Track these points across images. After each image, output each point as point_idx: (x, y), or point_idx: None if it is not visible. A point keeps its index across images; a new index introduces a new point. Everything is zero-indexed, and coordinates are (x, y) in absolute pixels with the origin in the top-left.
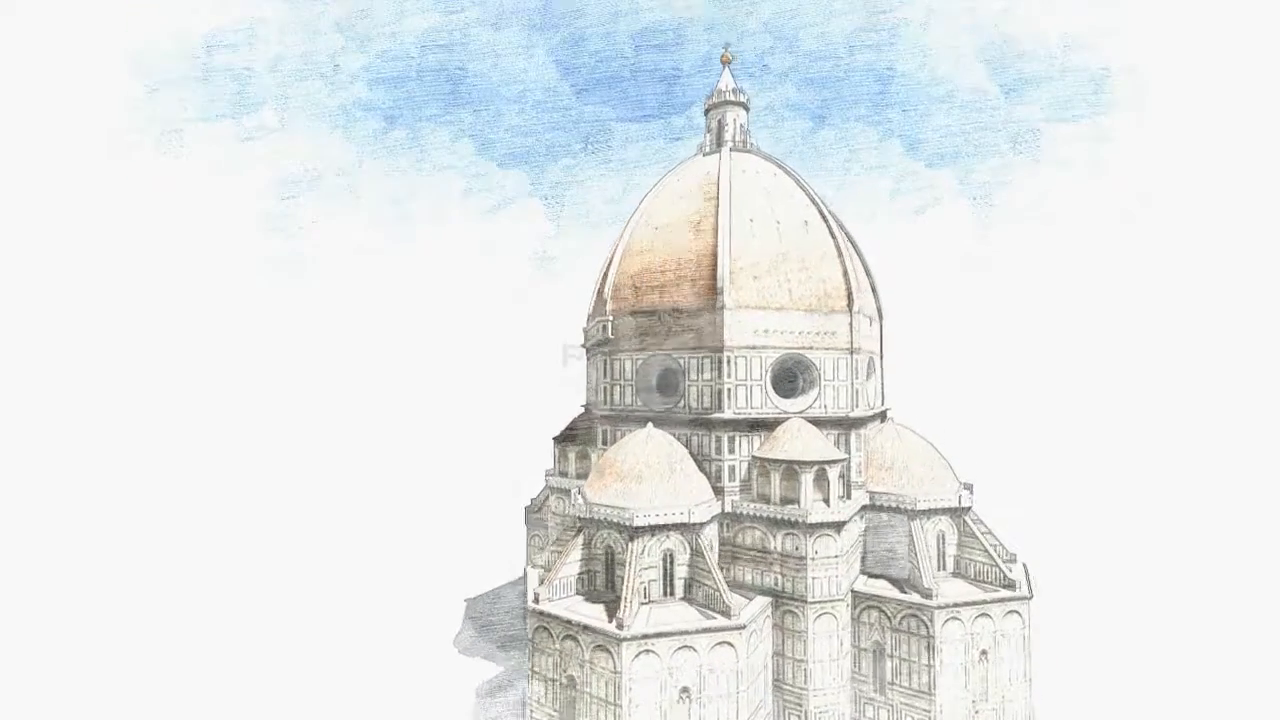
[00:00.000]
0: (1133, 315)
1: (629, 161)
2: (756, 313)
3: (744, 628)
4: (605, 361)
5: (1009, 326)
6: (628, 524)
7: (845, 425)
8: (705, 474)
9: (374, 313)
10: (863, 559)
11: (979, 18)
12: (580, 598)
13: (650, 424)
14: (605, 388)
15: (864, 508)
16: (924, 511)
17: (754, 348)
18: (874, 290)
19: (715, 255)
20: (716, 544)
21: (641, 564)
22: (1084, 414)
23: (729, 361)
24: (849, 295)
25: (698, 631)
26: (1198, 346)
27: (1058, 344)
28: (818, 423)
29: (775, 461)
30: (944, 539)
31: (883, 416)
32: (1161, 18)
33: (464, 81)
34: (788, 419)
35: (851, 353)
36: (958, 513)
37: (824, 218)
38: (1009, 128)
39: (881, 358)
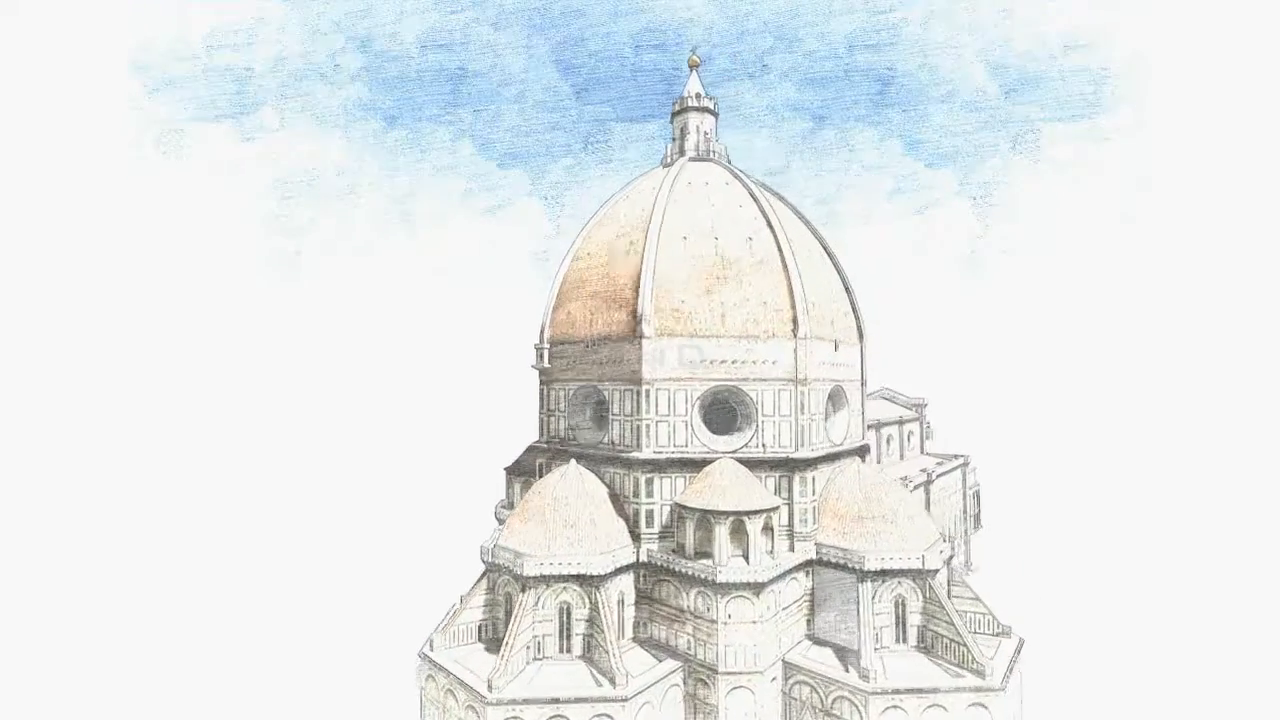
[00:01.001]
0: (1133, 315)
1: (629, 161)
2: (683, 341)
3: (628, 699)
4: (544, 389)
5: (1008, 326)
6: (519, 572)
7: (788, 467)
8: (624, 518)
9: (374, 313)
10: (811, 621)
11: (979, 18)
12: (482, 646)
13: (574, 460)
14: (544, 418)
15: (811, 562)
16: (875, 572)
17: (678, 379)
18: (854, 310)
19: (639, 279)
20: (632, 597)
21: (538, 616)
22: (1083, 414)
23: (648, 395)
24: (794, 319)
25: (571, 701)
26: (1198, 346)
27: (1057, 344)
28: (754, 464)
29: (690, 509)
30: (904, 605)
31: (863, 453)
32: (1161, 18)
33: (464, 81)
34: (717, 459)
35: (796, 383)
36: (922, 575)
37: (772, 231)
38: (1009, 128)
39: (863, 385)
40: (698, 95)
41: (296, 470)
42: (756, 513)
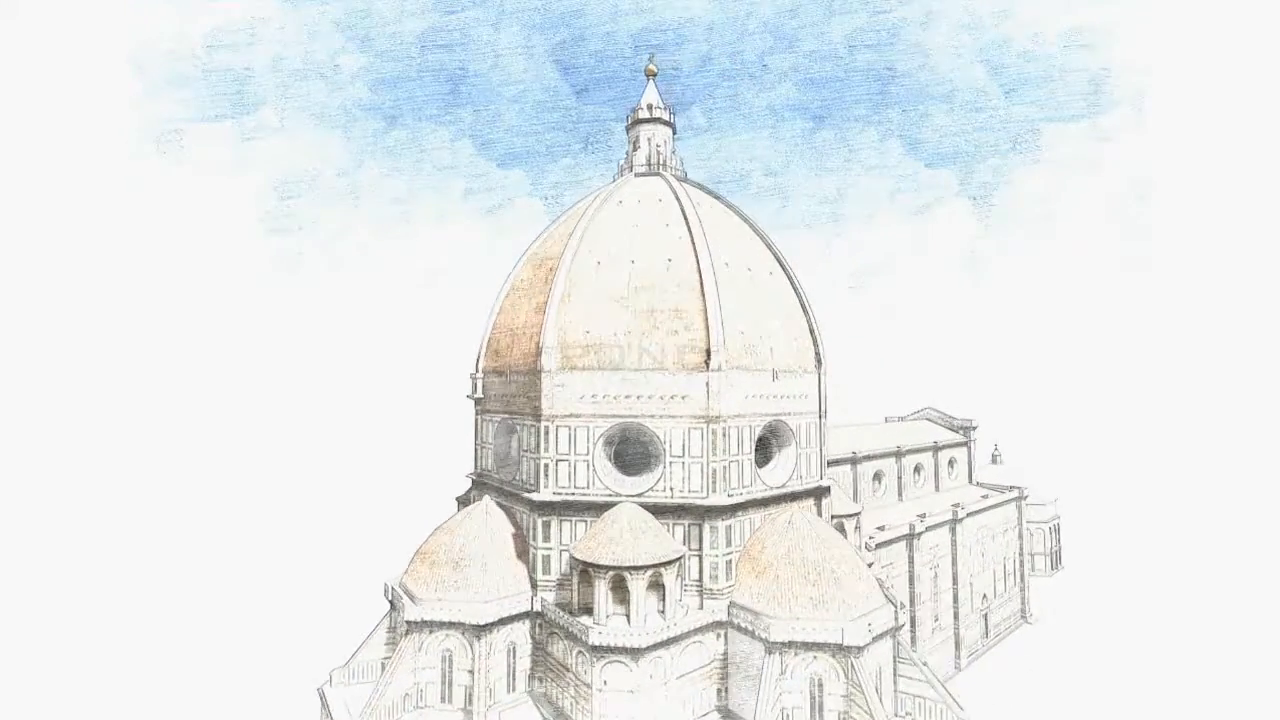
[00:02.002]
0: (1132, 315)
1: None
2: (587, 375)
3: None
4: (477, 419)
5: (1008, 326)
6: (401, 615)
7: (698, 515)
8: (526, 564)
9: (374, 313)
10: (723, 691)
11: (979, 18)
12: None
13: (487, 498)
14: (476, 449)
15: (722, 624)
16: (783, 644)
17: (579, 415)
18: (813, 333)
19: (545, 307)
20: (527, 647)
21: (420, 662)
22: (1083, 414)
23: (548, 432)
24: (708, 350)
25: None
26: (1198, 347)
27: (1057, 344)
28: (663, 510)
29: (576, 560)
30: (821, 686)
31: (819, 495)
32: (1161, 18)
33: (464, 81)
34: (619, 503)
35: (708, 422)
36: (845, 652)
37: (695, 252)
38: (1009, 128)
39: (822, 417)
40: (651, 106)
41: (293, 468)
42: (640, 568)
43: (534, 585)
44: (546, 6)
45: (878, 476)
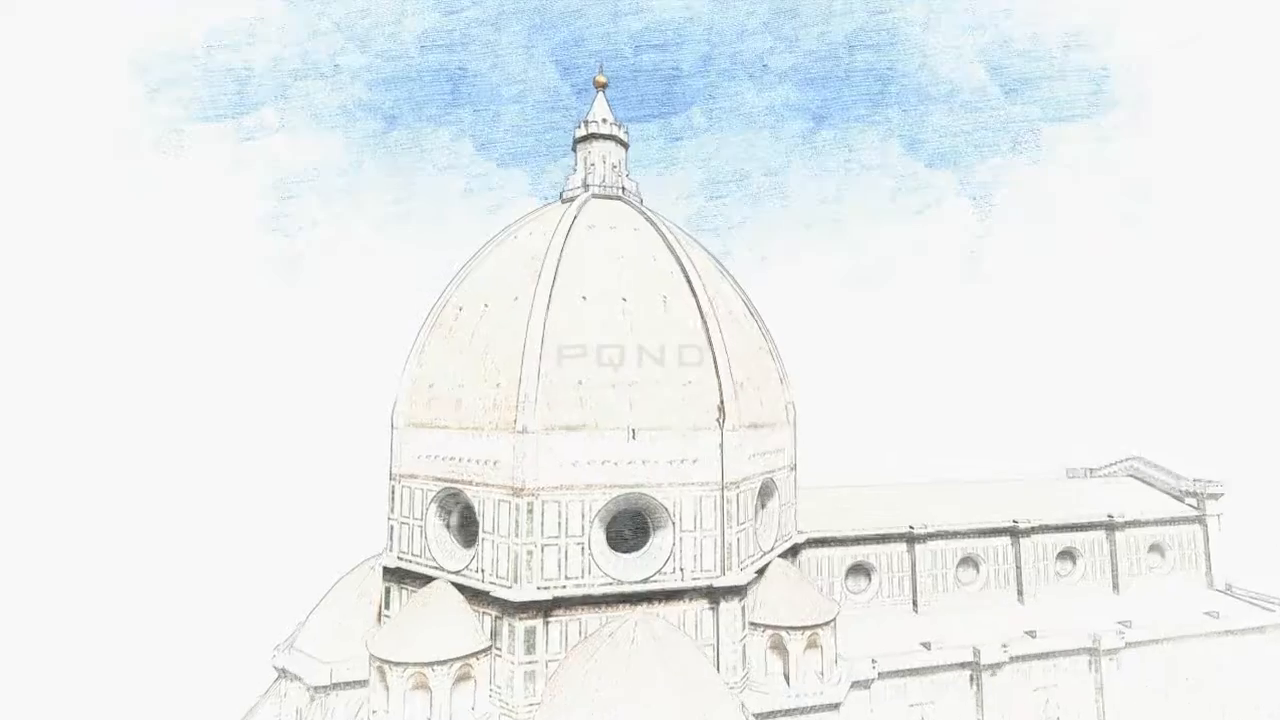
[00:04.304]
0: (1133, 315)
1: (629, 162)
2: (426, 432)
3: None
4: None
5: (1008, 326)
6: None
7: (501, 608)
8: None
9: (374, 313)
10: None
11: (979, 18)
12: None
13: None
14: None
15: None
16: None
17: (415, 476)
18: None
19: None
20: None
21: None
22: (1083, 415)
23: (397, 494)
24: (516, 403)
25: None
26: (1199, 347)
27: (1056, 344)
28: (473, 594)
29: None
30: None
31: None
32: (1161, 18)
33: (464, 81)
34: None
35: (515, 493)
36: None
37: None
38: (1009, 128)
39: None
40: (604, 120)
41: (292, 468)
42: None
43: None
44: (546, 6)
45: (969, 563)
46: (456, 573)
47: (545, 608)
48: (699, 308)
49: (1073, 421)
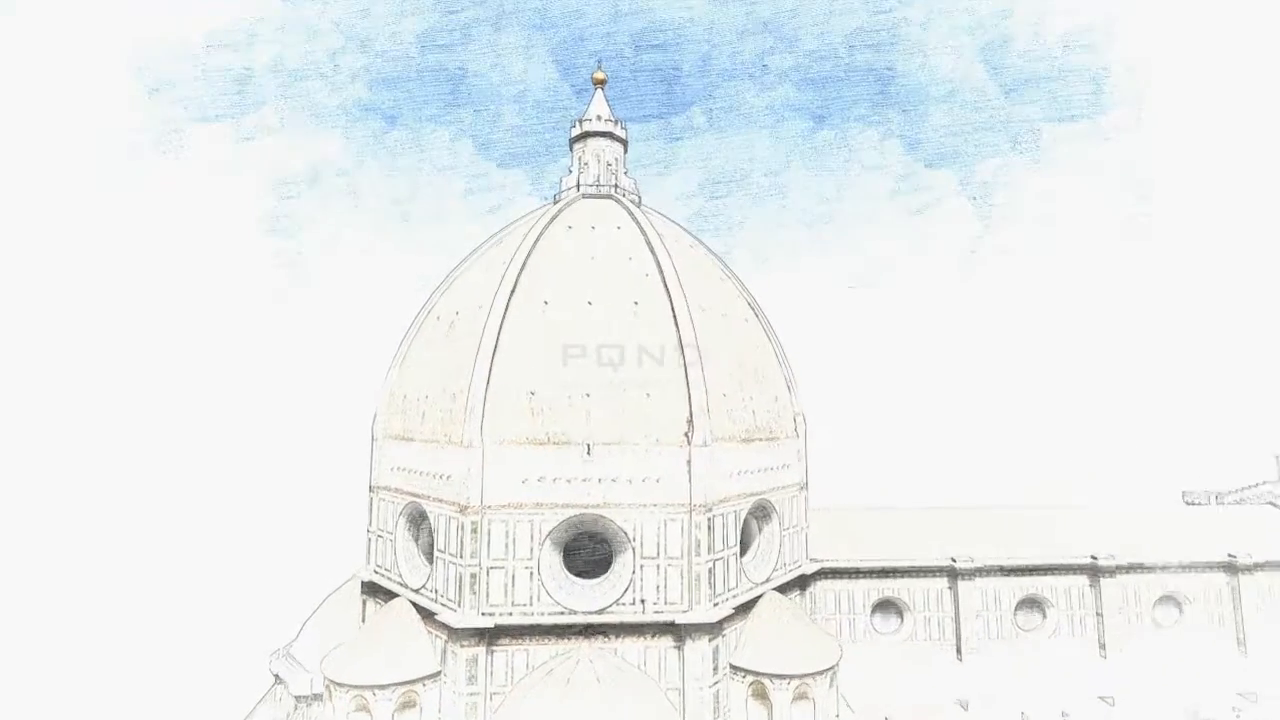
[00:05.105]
0: (1133, 315)
1: (630, 161)
2: (399, 444)
3: None
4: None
5: (1008, 326)
6: None
7: (450, 633)
8: None
9: (374, 314)
10: None
11: (979, 18)
12: None
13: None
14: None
15: None
16: None
17: (388, 489)
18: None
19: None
20: None
21: None
22: (1083, 415)
23: (375, 506)
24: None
25: None
26: (1198, 347)
27: (1056, 344)
28: (427, 615)
29: None
30: None
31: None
32: (1161, 17)
33: (464, 81)
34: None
35: (461, 510)
36: None
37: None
38: (1009, 128)
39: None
40: (600, 117)
41: (292, 468)
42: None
43: None
44: (546, 6)
45: (1032, 605)
46: (417, 590)
47: (489, 635)
48: (673, 311)
49: (1078, 423)
